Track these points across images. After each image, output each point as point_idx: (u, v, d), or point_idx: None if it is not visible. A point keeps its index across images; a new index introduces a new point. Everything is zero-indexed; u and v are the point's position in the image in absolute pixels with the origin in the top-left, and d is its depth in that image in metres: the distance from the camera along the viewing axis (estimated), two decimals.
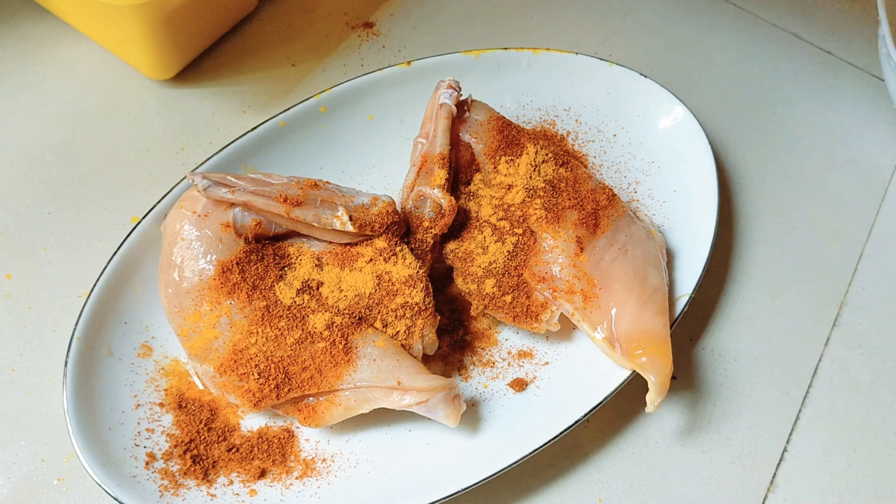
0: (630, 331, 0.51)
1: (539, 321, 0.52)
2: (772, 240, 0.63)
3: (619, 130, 0.63)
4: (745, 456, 0.54)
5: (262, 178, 0.52)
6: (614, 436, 0.54)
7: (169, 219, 0.51)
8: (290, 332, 0.49)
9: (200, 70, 0.65)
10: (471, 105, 0.58)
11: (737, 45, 0.73)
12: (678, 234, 0.58)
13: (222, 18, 0.65)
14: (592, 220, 0.54)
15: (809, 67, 0.72)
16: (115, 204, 0.59)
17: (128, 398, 0.50)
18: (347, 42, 0.69)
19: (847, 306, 0.60)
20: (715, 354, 0.57)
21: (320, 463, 0.50)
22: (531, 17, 0.72)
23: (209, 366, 0.49)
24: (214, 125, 0.63)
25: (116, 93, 0.63)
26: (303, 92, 0.65)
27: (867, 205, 0.65)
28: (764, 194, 0.65)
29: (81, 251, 0.56)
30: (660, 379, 0.50)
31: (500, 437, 0.51)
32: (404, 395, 0.48)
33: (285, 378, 0.48)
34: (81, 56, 0.65)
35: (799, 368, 0.57)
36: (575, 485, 0.52)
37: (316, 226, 0.51)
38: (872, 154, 0.68)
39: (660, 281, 0.53)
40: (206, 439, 0.49)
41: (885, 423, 0.56)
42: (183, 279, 0.50)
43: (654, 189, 0.61)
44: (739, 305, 0.59)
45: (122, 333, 0.51)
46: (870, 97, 0.71)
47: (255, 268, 0.50)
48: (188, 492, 0.47)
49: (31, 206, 0.58)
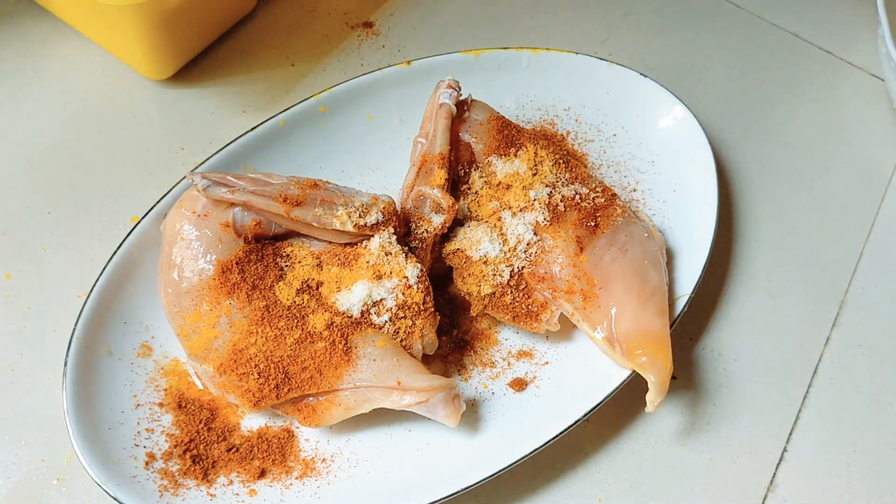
0: (630, 331, 0.51)
1: (539, 321, 0.52)
2: (771, 239, 0.63)
3: (619, 130, 0.63)
4: (745, 456, 0.54)
5: (262, 177, 0.52)
6: (614, 436, 0.54)
7: (168, 219, 0.51)
8: (289, 331, 0.49)
9: (200, 70, 0.65)
10: (470, 105, 0.58)
11: (737, 44, 0.73)
12: (678, 233, 0.58)
13: (221, 18, 0.65)
14: (592, 219, 0.54)
15: (809, 67, 0.72)
16: (114, 204, 0.59)
17: (127, 398, 0.50)
18: (347, 42, 0.69)
19: (847, 306, 0.60)
20: (715, 354, 0.57)
21: (320, 463, 0.50)
22: (531, 17, 0.72)
23: (209, 366, 0.49)
24: (214, 125, 0.63)
25: (116, 93, 0.63)
26: (302, 92, 0.65)
27: (867, 204, 0.65)
28: (764, 194, 0.65)
29: (81, 251, 0.56)
30: (660, 379, 0.50)
31: (499, 437, 0.51)
32: (404, 394, 0.48)
33: (285, 378, 0.48)
34: (81, 56, 0.65)
35: (799, 368, 0.57)
36: (575, 484, 0.52)
37: (315, 226, 0.51)
38: (872, 154, 0.68)
39: (660, 281, 0.53)
40: (205, 439, 0.49)
41: (884, 422, 0.56)
42: (183, 279, 0.50)
43: (654, 189, 0.61)
44: (739, 305, 0.59)
45: (121, 333, 0.51)
46: (870, 97, 0.71)
47: (254, 268, 0.50)
48: (188, 492, 0.47)
49: (30, 206, 0.58)
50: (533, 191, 0.54)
